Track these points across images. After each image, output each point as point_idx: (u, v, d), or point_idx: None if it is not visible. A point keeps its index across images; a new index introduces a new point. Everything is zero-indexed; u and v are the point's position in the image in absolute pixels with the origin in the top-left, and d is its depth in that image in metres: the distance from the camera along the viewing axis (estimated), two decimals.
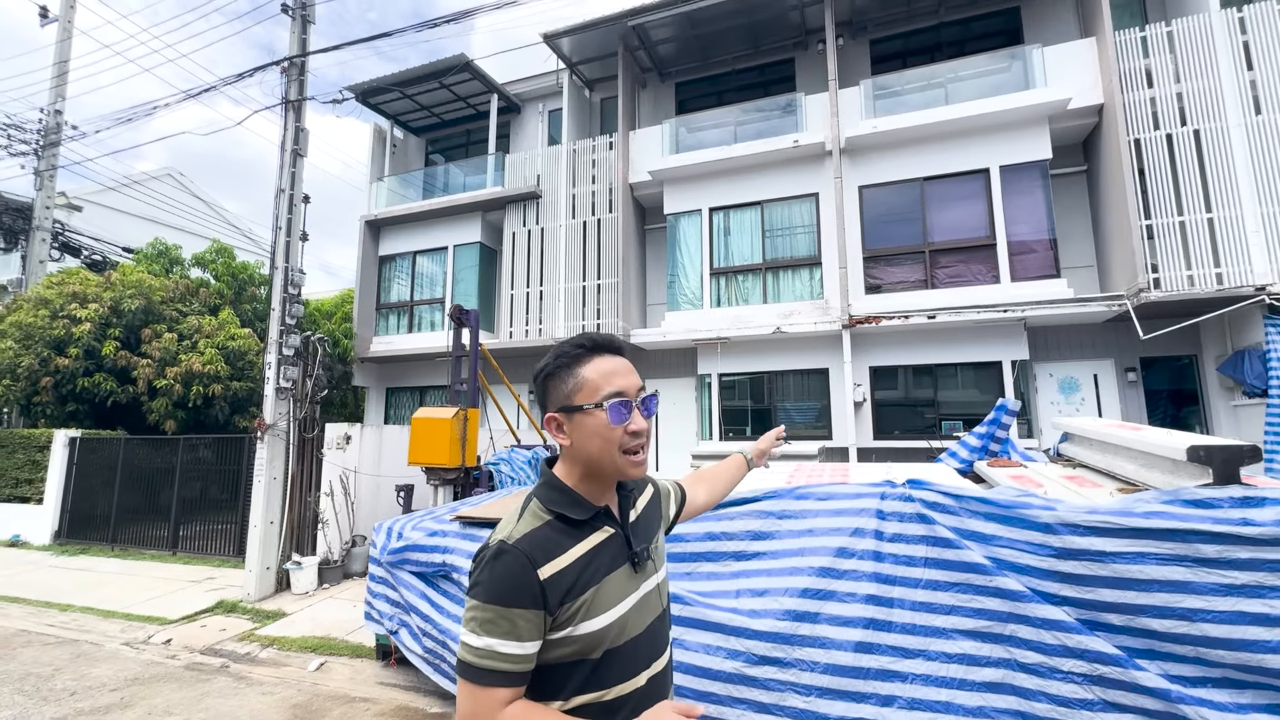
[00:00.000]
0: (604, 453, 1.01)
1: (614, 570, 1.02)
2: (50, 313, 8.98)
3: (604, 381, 1.02)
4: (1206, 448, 2.31)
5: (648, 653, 1.05)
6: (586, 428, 1.01)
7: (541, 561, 0.94)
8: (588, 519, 1.02)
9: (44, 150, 10.69)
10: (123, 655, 4.47)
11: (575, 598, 0.95)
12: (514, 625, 0.90)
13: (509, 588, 0.91)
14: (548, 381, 1.07)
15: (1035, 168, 8.96)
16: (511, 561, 0.93)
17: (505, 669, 0.90)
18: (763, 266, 10.36)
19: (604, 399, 1.01)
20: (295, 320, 5.80)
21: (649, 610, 1.08)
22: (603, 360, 1.06)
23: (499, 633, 0.90)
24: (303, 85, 6.13)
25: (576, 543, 0.99)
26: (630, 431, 1.02)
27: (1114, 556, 2.30)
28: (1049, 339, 9.40)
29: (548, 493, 1.04)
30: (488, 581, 0.93)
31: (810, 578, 2.71)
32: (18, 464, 8.64)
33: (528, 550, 0.94)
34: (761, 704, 2.57)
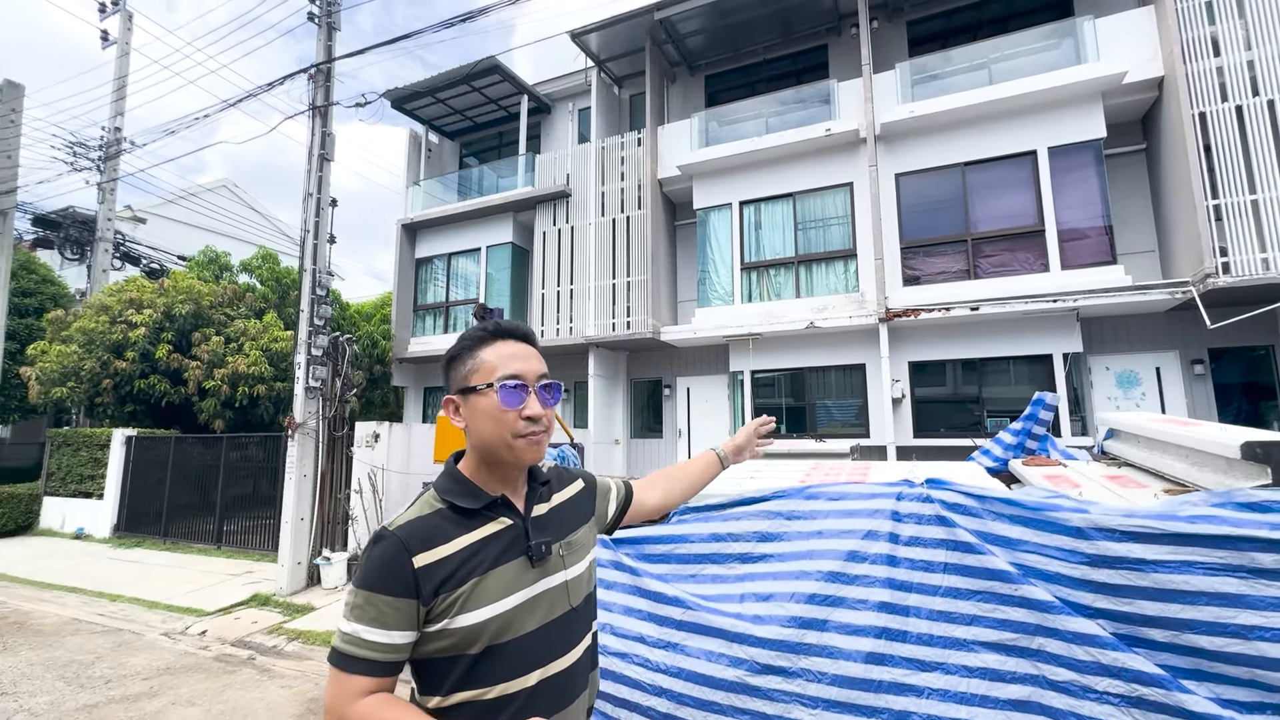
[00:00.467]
0: (496, 435, 0.99)
1: (503, 563, 0.98)
2: (109, 318, 9.50)
3: (501, 364, 1.01)
4: (1265, 444, 2.05)
5: (541, 652, 1.01)
6: (479, 409, 1.00)
7: (418, 549, 0.91)
8: (480, 508, 0.99)
9: (105, 165, 11.32)
10: (159, 645, 4.64)
11: (452, 589, 0.92)
12: (381, 613, 0.88)
13: (381, 574, 0.89)
14: (449, 365, 1.06)
15: (1088, 148, 8.41)
16: (387, 548, 0.91)
17: (369, 657, 0.87)
18: (795, 260, 10.08)
19: (498, 380, 0.99)
20: (324, 321, 5.92)
21: (548, 608, 1.03)
22: (504, 344, 1.04)
23: (366, 619, 0.88)
24: (329, 91, 6.26)
25: (465, 532, 0.97)
26: (525, 416, 1.00)
27: (1155, 565, 2.06)
28: (1105, 330, 8.82)
29: (444, 481, 1.03)
30: (363, 567, 0.91)
31: (818, 582, 2.55)
32: (81, 461, 9.19)
33: (404, 537, 0.92)
34: (765, 715, 2.43)
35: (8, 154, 9.65)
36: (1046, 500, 2.35)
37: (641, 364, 12.20)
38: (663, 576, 2.92)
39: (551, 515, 1.10)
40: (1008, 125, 8.84)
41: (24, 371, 9.64)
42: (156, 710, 3.46)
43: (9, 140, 9.68)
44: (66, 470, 9.36)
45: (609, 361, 11.70)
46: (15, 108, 9.80)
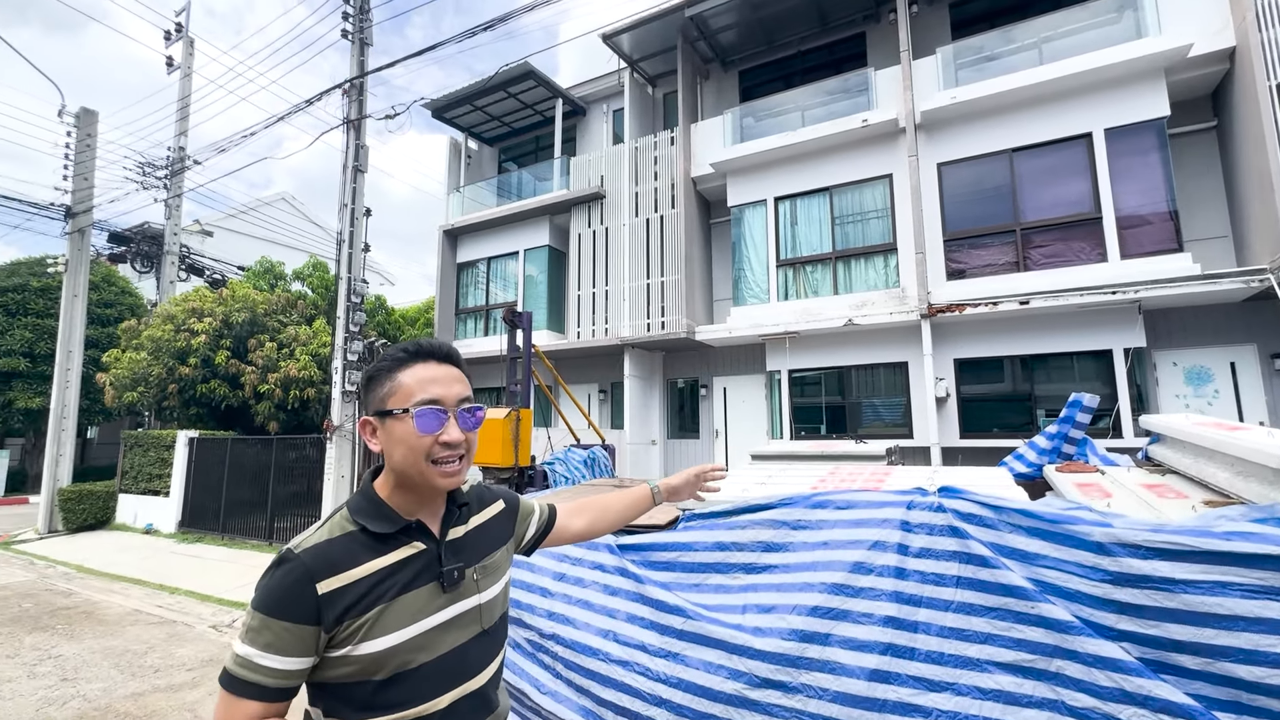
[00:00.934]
0: (409, 461, 0.97)
1: (414, 588, 0.96)
2: (174, 327, 10.13)
3: (418, 388, 0.99)
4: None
5: (453, 675, 1.00)
6: (395, 434, 0.98)
7: (324, 575, 0.89)
8: (393, 533, 0.97)
9: (170, 183, 12.08)
10: (206, 637, 4.91)
11: (357, 616, 0.90)
12: (277, 638, 0.85)
13: (281, 599, 0.87)
14: (367, 384, 1.04)
15: (1149, 128, 7.84)
16: (290, 572, 0.89)
17: (261, 682, 0.85)
18: (832, 256, 9.81)
19: (414, 405, 0.97)
20: (359, 327, 6.13)
21: (461, 630, 1.02)
22: (424, 367, 1.02)
23: (260, 643, 0.85)
24: (361, 105, 6.47)
25: (375, 557, 0.94)
26: (442, 441, 0.98)
27: (1186, 585, 1.89)
28: (1173, 322, 8.20)
29: (358, 501, 1.00)
30: (263, 589, 0.89)
31: (821, 595, 2.45)
32: (150, 461, 9.85)
33: (310, 561, 0.90)
34: None
35: (84, 176, 10.44)
36: (1066, 512, 2.19)
37: (678, 364, 12.14)
38: (666, 584, 2.88)
39: (469, 538, 1.09)
40: (1060, 107, 8.34)
41: (100, 377, 10.39)
42: (195, 700, 3.65)
43: (85, 163, 10.46)
44: (138, 469, 10.04)
45: (645, 362, 11.68)
46: (90, 132, 10.58)
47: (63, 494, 9.94)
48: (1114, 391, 7.95)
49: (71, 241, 10.53)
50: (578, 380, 13.04)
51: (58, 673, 4.11)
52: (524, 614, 3.21)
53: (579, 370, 13.02)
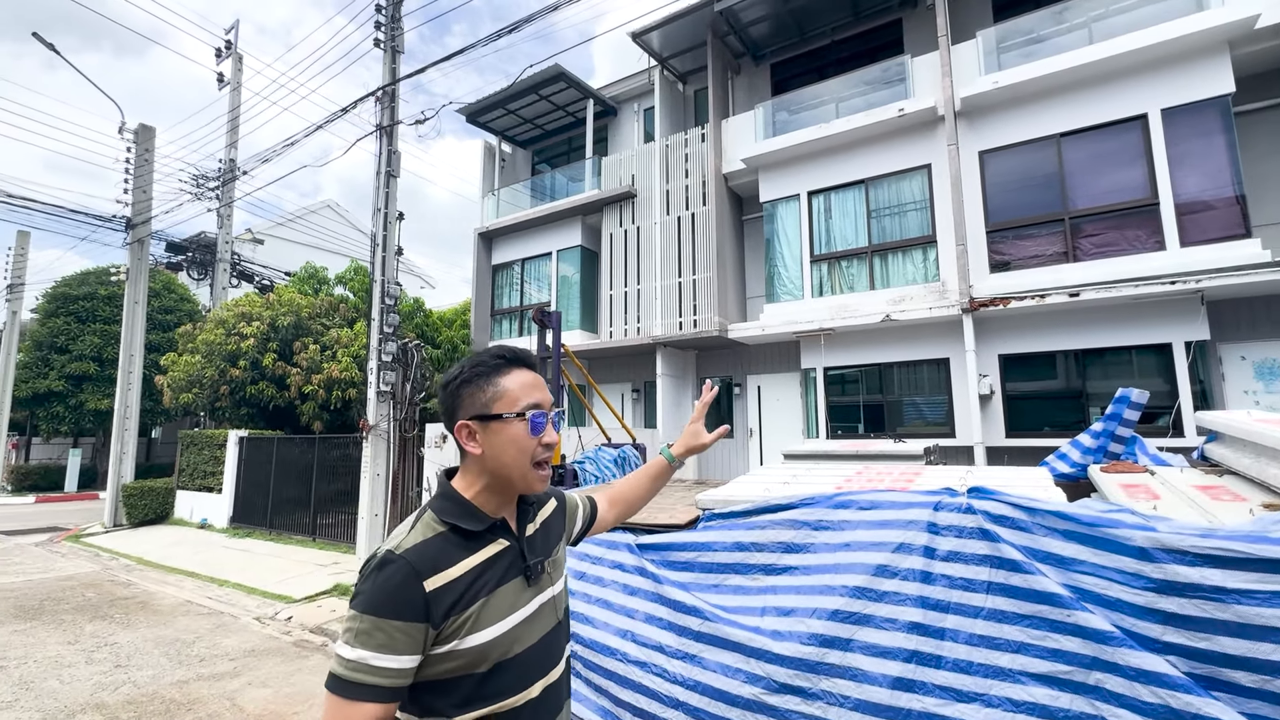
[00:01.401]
0: (517, 463, 1.02)
1: (505, 583, 1.01)
2: (225, 331, 10.59)
3: (523, 393, 1.04)
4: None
5: (541, 664, 1.06)
6: (503, 436, 1.02)
7: (429, 573, 0.92)
8: (482, 531, 1.02)
9: (222, 192, 12.64)
10: (250, 629, 5.10)
11: (462, 611, 0.94)
12: (391, 638, 0.87)
13: (391, 599, 0.88)
14: (462, 389, 1.06)
15: (1212, 106, 7.35)
16: (396, 572, 0.90)
17: (376, 683, 0.86)
18: (869, 250, 9.55)
19: (524, 409, 1.03)
20: (392, 329, 6.27)
21: (543, 623, 1.08)
22: (521, 373, 1.07)
23: (374, 645, 0.86)
24: (394, 111, 6.62)
25: (468, 555, 0.98)
26: (545, 444, 1.05)
27: (1240, 595, 1.74)
28: (1240, 313, 7.68)
29: (443, 504, 1.03)
30: (369, 591, 0.89)
31: (842, 598, 2.36)
32: (204, 459, 10.33)
33: (414, 560, 0.92)
34: None
35: (143, 189, 11.03)
36: (1106, 515, 2.06)
37: (710, 363, 12.03)
38: (685, 585, 2.83)
39: (539, 534, 1.14)
40: (1111, 88, 7.90)
41: (159, 380, 10.94)
42: (235, 689, 3.79)
43: (144, 177, 11.05)
44: (193, 467, 10.55)
45: (677, 361, 11.62)
46: (148, 148, 11.17)
47: (126, 490, 10.52)
48: (1174, 388, 7.49)
49: (131, 251, 11.14)
50: (611, 380, 13.07)
51: (112, 659, 4.33)
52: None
53: (612, 370, 13.05)
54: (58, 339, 16.29)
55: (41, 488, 17.31)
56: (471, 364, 1.08)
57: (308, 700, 3.62)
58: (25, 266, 16.71)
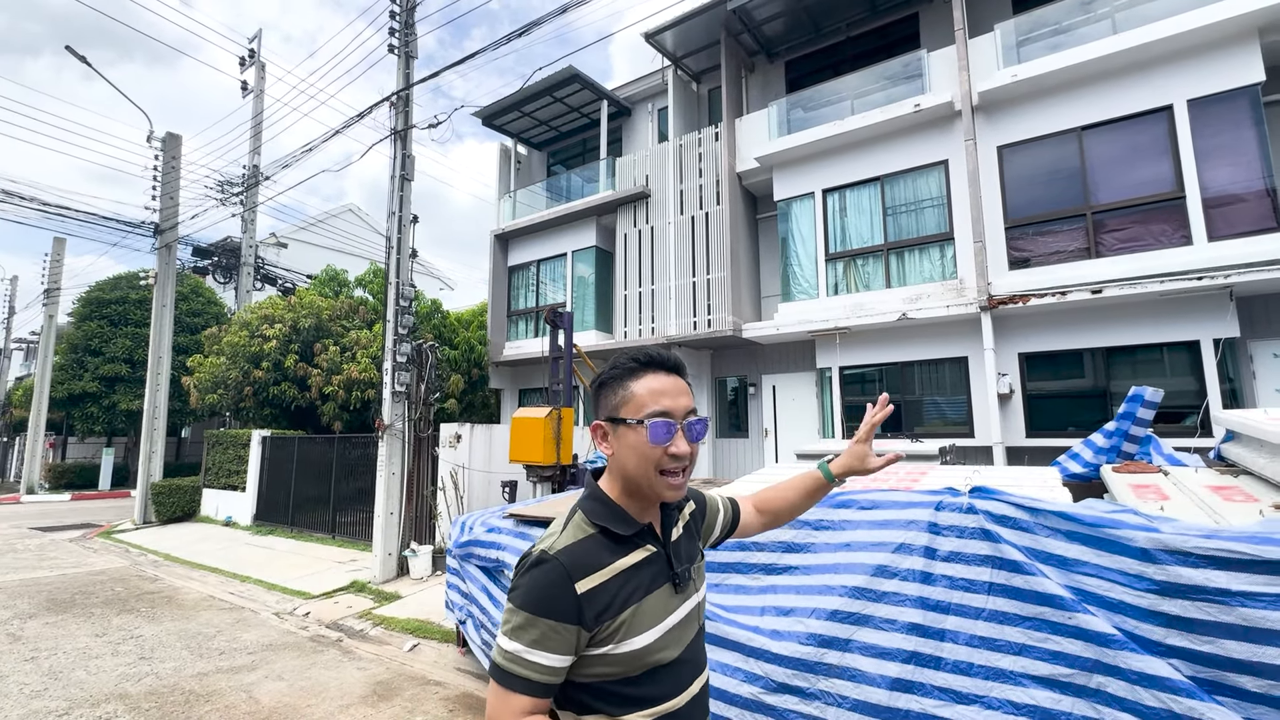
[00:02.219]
0: (641, 470, 1.00)
1: (654, 589, 1.01)
2: (249, 333, 10.84)
3: (650, 399, 1.01)
4: None
5: (690, 672, 1.06)
6: (627, 441, 1.01)
7: (580, 575, 0.93)
8: (630, 535, 1.01)
9: (245, 198, 12.93)
10: (269, 624, 5.22)
11: (614, 615, 0.94)
12: (543, 636, 0.89)
13: (544, 597, 0.91)
14: (600, 390, 1.08)
15: (1241, 96, 7.14)
16: (549, 571, 0.93)
17: (529, 677, 0.89)
18: (885, 247, 9.44)
19: (647, 416, 1.00)
20: (407, 330, 6.36)
21: (689, 629, 1.07)
22: (654, 377, 1.05)
23: (527, 640, 0.89)
24: (408, 116, 6.71)
25: (618, 558, 0.99)
26: (671, 453, 1.00)
27: (1244, 598, 1.70)
28: (1272, 310, 7.44)
29: (592, 505, 1.04)
30: (525, 588, 0.93)
31: (841, 598, 2.35)
32: (229, 458, 10.59)
33: (567, 562, 0.94)
34: None
35: (170, 195, 11.35)
36: (1108, 515, 2.03)
37: (726, 362, 11.99)
38: None
39: (683, 540, 1.13)
40: (1135, 79, 7.71)
41: (185, 381, 11.24)
42: (252, 682, 3.89)
43: (171, 184, 11.37)
44: (219, 466, 10.82)
45: (692, 361, 11.60)
46: (175, 155, 11.49)
47: (154, 488, 10.83)
48: (1202, 387, 7.29)
49: (160, 256, 11.46)
50: None
51: (137, 651, 4.47)
52: None
53: None
54: (91, 341, 16.83)
55: (77, 485, 17.91)
56: (612, 364, 1.09)
57: (320, 693, 3.70)
58: (61, 271, 17.29)
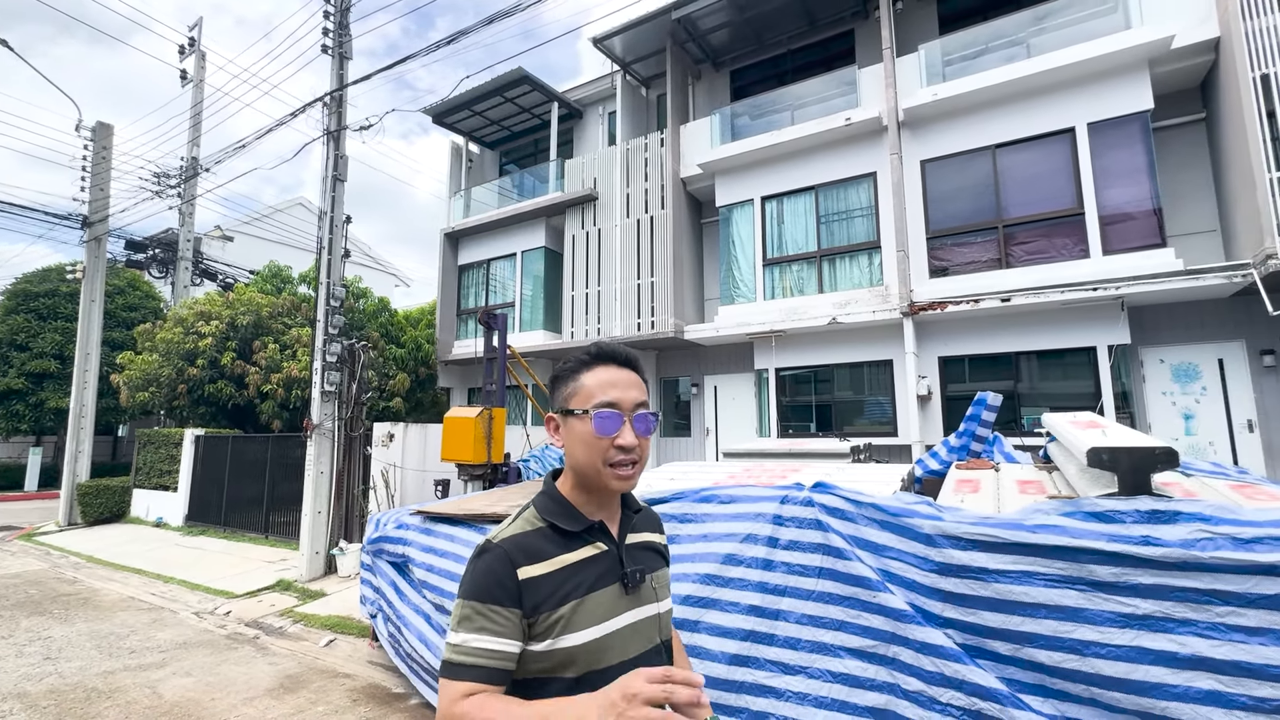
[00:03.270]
0: (588, 461, 1.01)
1: (601, 588, 0.99)
2: (183, 330, 10.59)
3: (598, 390, 1.02)
4: (1111, 450, 1.93)
5: None
6: (575, 433, 1.02)
7: (521, 562, 0.94)
8: (579, 531, 1.02)
9: (184, 191, 12.60)
10: (187, 623, 5.22)
11: (555, 607, 0.94)
12: (490, 621, 0.90)
13: (487, 584, 0.92)
14: (554, 383, 1.11)
15: (1133, 121, 7.72)
16: (492, 558, 0.95)
17: (480, 664, 0.89)
18: (818, 254, 9.84)
19: (594, 407, 1.00)
20: (337, 330, 6.40)
21: (643, 638, 1.03)
22: (605, 370, 1.05)
23: (475, 628, 0.90)
24: (340, 116, 6.74)
25: (564, 552, 0.99)
26: (618, 445, 1.00)
27: (998, 575, 2.00)
28: (1160, 319, 8.07)
29: (543, 501, 1.05)
30: (469, 578, 0.94)
31: (693, 585, 2.59)
32: (161, 458, 10.34)
33: (509, 548, 0.96)
34: None
35: (100, 186, 10.98)
36: (908, 506, 2.32)
37: (670, 363, 12.26)
38: None
39: (641, 547, 1.11)
40: (1042, 102, 8.25)
41: (114, 378, 10.92)
42: (158, 679, 3.93)
43: (101, 174, 11.00)
44: (150, 466, 10.55)
45: None
46: (106, 145, 11.12)
47: (81, 489, 10.49)
48: (1098, 389, 7.86)
49: (88, 249, 11.09)
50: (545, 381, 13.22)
51: (43, 652, 4.44)
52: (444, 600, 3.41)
53: None
54: (18, 336, 16.07)
55: (2, 487, 17.07)
56: (566, 359, 1.09)
57: (226, 688, 3.77)
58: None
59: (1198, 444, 7.71)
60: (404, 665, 3.66)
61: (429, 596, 3.50)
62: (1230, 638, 1.67)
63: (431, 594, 3.49)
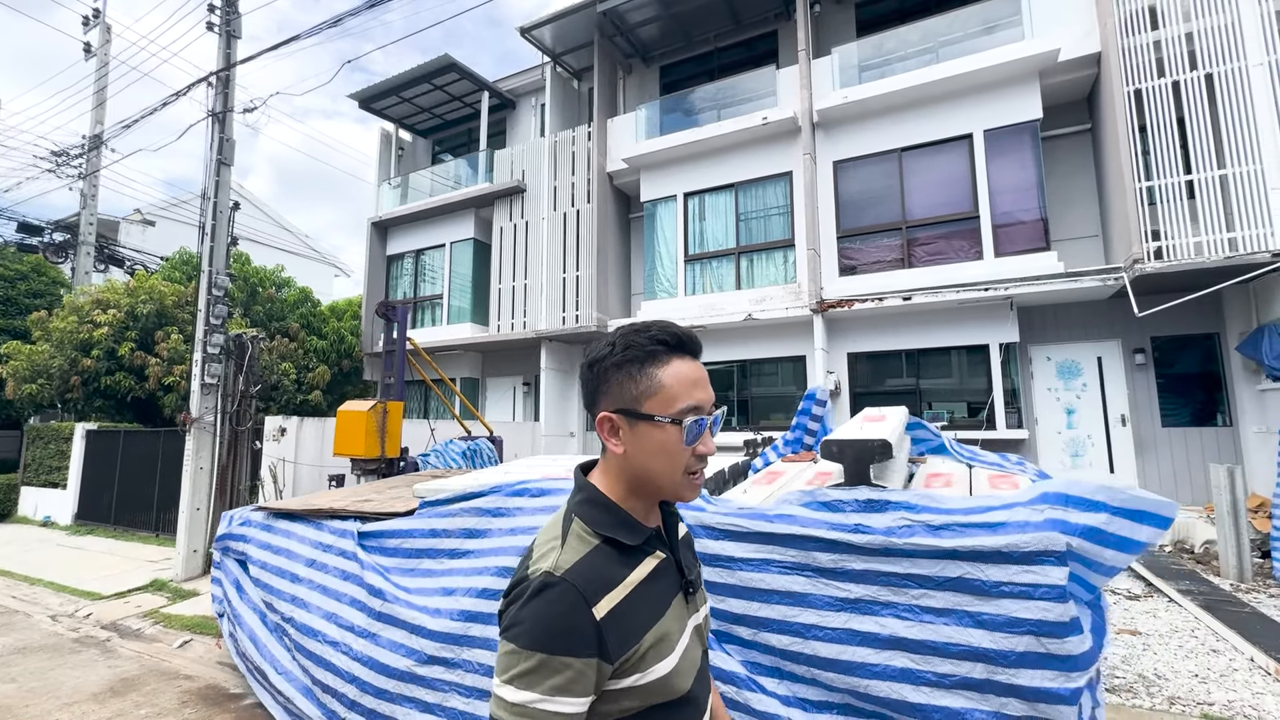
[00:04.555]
0: (666, 472, 0.86)
1: (669, 603, 0.87)
2: (78, 319, 10.02)
3: (683, 392, 0.86)
4: (839, 442, 2.02)
5: (706, 690, 0.93)
6: (652, 440, 0.85)
7: (596, 597, 0.78)
8: (639, 544, 0.87)
9: (86, 173, 11.89)
10: (38, 627, 4.95)
11: (637, 638, 0.80)
12: (564, 679, 0.73)
13: (559, 630, 0.74)
14: (611, 374, 0.88)
15: (1024, 130, 8.10)
16: (562, 596, 0.76)
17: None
18: (736, 251, 9.99)
19: (680, 413, 0.85)
20: (220, 321, 6.16)
21: (699, 645, 0.94)
22: (684, 364, 0.89)
23: (544, 688, 0.73)
24: (227, 98, 6.46)
25: (630, 571, 0.84)
26: (699, 453, 0.88)
27: (742, 563, 2.06)
28: (1047, 319, 8.51)
29: (593, 512, 0.87)
30: (530, 620, 0.75)
31: (490, 578, 2.60)
32: (51, 454, 9.77)
33: (579, 583, 0.77)
34: (426, 703, 2.51)
35: None
36: None
37: None
38: (386, 569, 3.01)
39: (684, 544, 1.00)
40: (944, 108, 8.57)
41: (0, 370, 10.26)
42: None
43: None
44: (40, 462, 9.96)
45: (563, 355, 11.80)
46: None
47: None
48: (990, 385, 8.24)
49: None
50: (503, 373, 13.12)
51: None
52: (273, 598, 3.33)
53: (503, 363, 13.11)
54: None
55: None
56: (624, 344, 0.89)
57: (49, 693, 3.60)
58: None
59: (1078, 437, 8.17)
60: (241, 664, 3.56)
61: (260, 594, 3.42)
62: (922, 619, 1.77)
63: (262, 591, 3.41)
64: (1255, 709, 3.07)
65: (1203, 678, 3.42)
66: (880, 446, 1.94)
